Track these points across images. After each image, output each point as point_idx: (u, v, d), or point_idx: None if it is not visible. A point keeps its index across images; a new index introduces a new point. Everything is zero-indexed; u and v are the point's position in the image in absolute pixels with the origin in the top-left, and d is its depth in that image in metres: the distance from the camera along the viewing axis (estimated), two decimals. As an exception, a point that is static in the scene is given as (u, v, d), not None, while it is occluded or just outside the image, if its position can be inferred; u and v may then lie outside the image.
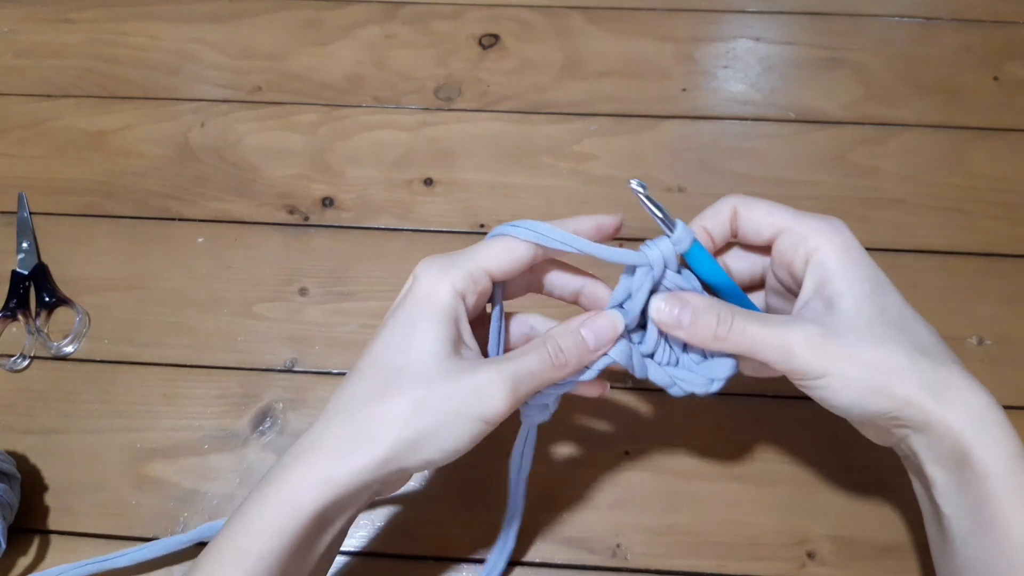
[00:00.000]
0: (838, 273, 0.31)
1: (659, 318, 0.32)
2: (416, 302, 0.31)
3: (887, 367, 0.30)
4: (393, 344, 0.31)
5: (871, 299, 0.31)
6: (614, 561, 0.42)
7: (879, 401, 0.30)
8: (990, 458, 0.29)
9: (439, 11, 0.63)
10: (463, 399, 0.29)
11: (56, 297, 0.50)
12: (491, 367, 0.30)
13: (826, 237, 0.32)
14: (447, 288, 0.31)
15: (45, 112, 0.59)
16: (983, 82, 0.59)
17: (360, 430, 0.29)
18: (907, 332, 0.31)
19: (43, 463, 0.45)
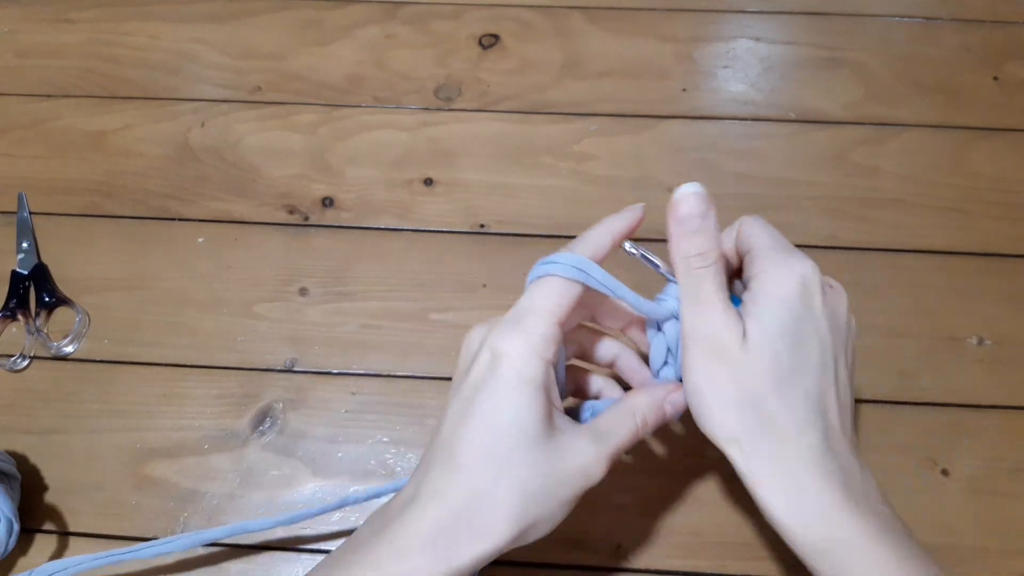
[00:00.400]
0: (760, 303, 0.32)
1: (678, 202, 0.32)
2: (509, 381, 0.30)
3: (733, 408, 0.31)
4: (493, 425, 0.30)
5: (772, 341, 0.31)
6: (614, 561, 0.42)
7: (707, 423, 0.32)
8: (801, 545, 0.30)
9: (439, 11, 0.63)
10: (570, 482, 0.30)
11: (56, 297, 0.50)
12: (593, 447, 0.31)
13: (768, 270, 0.32)
14: (537, 362, 0.30)
15: (45, 112, 0.59)
16: (983, 82, 0.59)
17: (482, 526, 0.29)
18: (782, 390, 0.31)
19: (43, 463, 0.45)
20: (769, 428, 0.31)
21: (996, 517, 0.43)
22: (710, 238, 0.32)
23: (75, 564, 0.40)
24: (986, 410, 0.46)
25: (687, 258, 0.32)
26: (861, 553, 0.29)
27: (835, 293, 0.33)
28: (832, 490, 0.30)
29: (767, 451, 0.31)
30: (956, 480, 0.44)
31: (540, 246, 0.52)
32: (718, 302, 0.31)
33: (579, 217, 0.53)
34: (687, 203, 0.32)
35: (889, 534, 0.30)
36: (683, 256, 0.32)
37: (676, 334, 0.34)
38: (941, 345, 0.48)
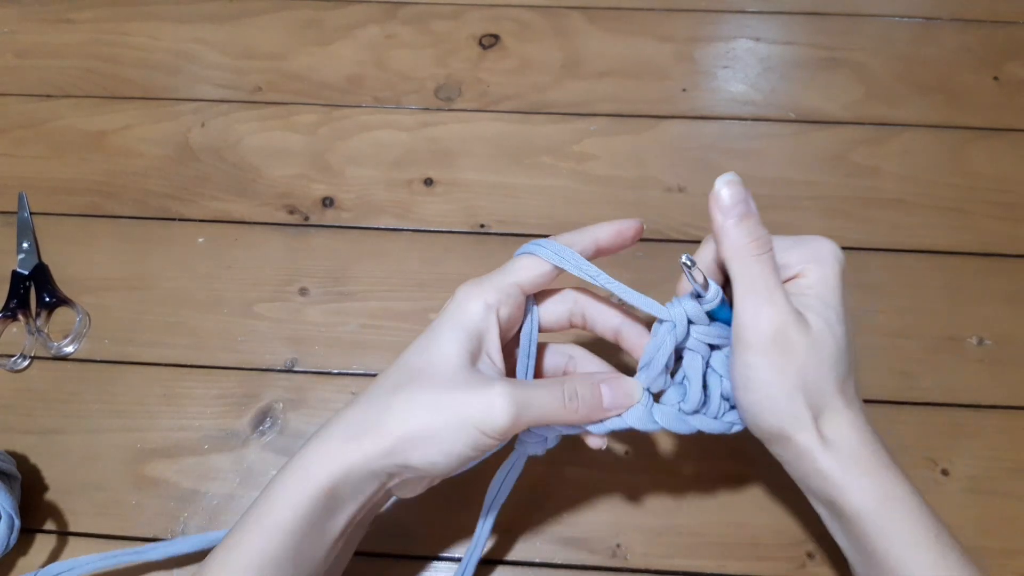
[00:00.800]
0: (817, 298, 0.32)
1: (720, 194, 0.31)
2: (447, 314, 0.33)
3: (795, 394, 0.31)
4: (418, 349, 0.33)
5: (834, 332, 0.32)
6: (614, 561, 0.42)
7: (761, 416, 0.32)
8: (857, 502, 0.31)
9: (439, 11, 0.63)
10: (468, 407, 0.31)
11: (56, 297, 0.50)
12: (504, 385, 0.31)
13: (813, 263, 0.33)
14: (478, 302, 0.33)
15: (45, 112, 0.59)
16: (983, 82, 0.59)
17: (371, 418, 0.32)
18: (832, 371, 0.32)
19: (43, 463, 0.45)
20: (824, 407, 0.31)
21: (996, 517, 0.43)
22: (759, 222, 0.31)
23: (83, 564, 0.40)
24: (986, 410, 0.46)
25: (743, 246, 0.31)
26: (909, 510, 0.31)
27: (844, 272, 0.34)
28: (880, 452, 0.32)
29: (824, 428, 0.31)
30: (956, 480, 0.44)
31: (540, 246, 0.52)
32: (780, 293, 0.31)
33: (579, 217, 0.53)
34: (729, 191, 0.31)
35: (920, 496, 0.32)
36: (738, 246, 0.31)
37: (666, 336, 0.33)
38: (941, 345, 0.48)
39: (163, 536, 0.43)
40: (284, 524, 0.31)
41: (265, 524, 0.31)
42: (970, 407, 0.46)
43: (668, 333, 0.33)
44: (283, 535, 0.31)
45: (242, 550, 0.31)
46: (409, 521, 0.43)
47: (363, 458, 0.31)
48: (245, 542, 0.31)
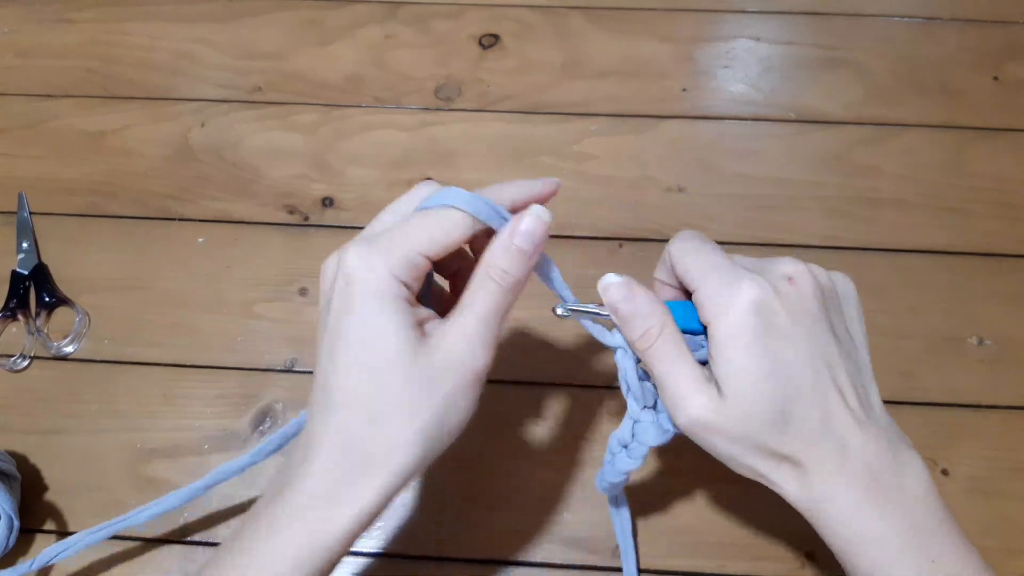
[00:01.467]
0: (721, 356, 0.30)
1: (608, 296, 0.31)
2: (364, 303, 0.29)
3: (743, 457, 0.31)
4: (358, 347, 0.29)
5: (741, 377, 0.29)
6: (614, 561, 0.42)
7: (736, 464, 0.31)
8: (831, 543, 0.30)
9: (439, 11, 0.63)
10: (450, 379, 0.29)
11: (56, 297, 0.50)
12: (455, 334, 0.29)
13: (718, 313, 0.29)
14: (390, 280, 0.28)
15: (45, 112, 0.59)
16: (983, 82, 0.59)
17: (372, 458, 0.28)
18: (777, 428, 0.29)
19: (43, 463, 0.45)
20: (784, 460, 0.30)
21: (996, 517, 0.43)
22: (644, 316, 0.30)
23: (75, 542, 0.39)
24: (986, 410, 0.46)
25: (634, 344, 0.31)
26: (886, 553, 0.29)
27: (795, 284, 0.30)
28: (855, 491, 0.29)
29: (790, 474, 0.30)
30: (956, 480, 0.44)
31: (540, 246, 0.52)
32: (680, 378, 0.30)
33: (579, 217, 0.53)
34: (608, 296, 0.31)
35: (916, 535, 0.29)
36: (631, 341, 0.31)
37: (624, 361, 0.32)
38: (941, 345, 0.48)
39: (163, 536, 0.43)
40: None
41: None
42: (970, 407, 0.46)
43: (622, 358, 0.32)
44: None
45: None
46: (413, 521, 0.43)
47: (375, 501, 0.28)
48: None
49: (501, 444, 0.39)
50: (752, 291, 0.29)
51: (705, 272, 0.30)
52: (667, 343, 0.30)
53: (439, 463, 0.44)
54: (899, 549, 0.29)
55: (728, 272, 0.30)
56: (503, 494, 0.43)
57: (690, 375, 0.30)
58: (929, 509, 0.30)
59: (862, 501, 0.29)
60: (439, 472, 0.44)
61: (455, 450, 0.44)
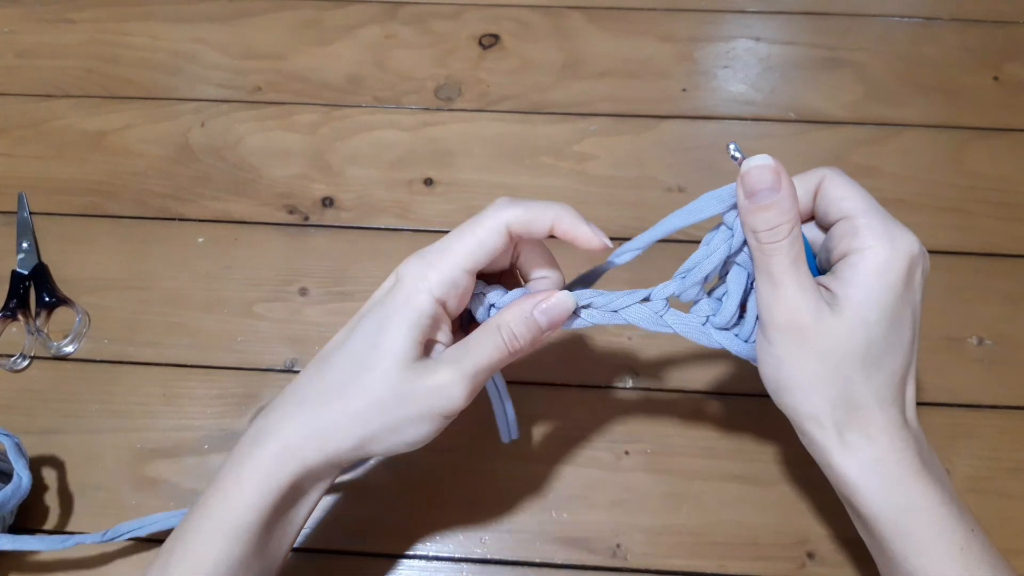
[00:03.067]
0: (861, 284, 0.30)
1: (746, 174, 0.30)
2: (394, 305, 0.31)
3: (813, 394, 0.30)
4: (366, 341, 0.32)
5: (868, 331, 0.30)
6: (614, 561, 0.42)
7: (789, 403, 0.31)
8: (875, 508, 0.30)
9: (439, 11, 0.63)
10: (423, 401, 0.31)
11: (56, 297, 0.50)
12: (449, 368, 0.31)
13: (877, 246, 0.30)
14: (425, 295, 0.31)
15: (45, 112, 0.59)
16: (983, 82, 0.59)
17: (330, 417, 0.31)
18: (869, 372, 0.30)
19: (43, 463, 0.45)
20: (852, 406, 0.30)
21: (996, 517, 0.42)
22: (783, 211, 0.30)
23: (150, 522, 0.41)
24: (986, 410, 0.46)
25: (756, 232, 0.30)
26: (933, 521, 0.30)
27: (926, 260, 0.32)
28: (910, 459, 0.30)
29: (847, 426, 0.30)
30: (956, 480, 0.44)
31: (540, 246, 0.52)
32: (791, 280, 0.29)
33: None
34: (754, 176, 0.30)
35: (956, 506, 0.30)
36: (752, 230, 0.30)
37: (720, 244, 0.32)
38: (941, 345, 0.48)
39: (163, 536, 0.43)
40: (248, 525, 0.30)
41: (227, 526, 0.30)
42: (970, 407, 0.46)
43: (723, 241, 0.31)
44: (248, 536, 0.30)
45: (206, 556, 0.30)
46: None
47: (325, 456, 0.31)
48: (207, 547, 0.30)
49: (500, 444, 0.39)
50: (915, 243, 0.31)
51: (873, 206, 0.31)
52: (792, 245, 0.30)
53: (438, 463, 0.44)
54: (944, 518, 0.30)
55: (890, 217, 0.31)
56: (502, 494, 0.43)
57: (805, 283, 0.30)
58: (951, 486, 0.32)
59: (918, 471, 0.30)
60: (438, 472, 0.44)
61: (454, 450, 0.44)
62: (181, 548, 0.31)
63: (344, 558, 0.42)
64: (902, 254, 0.30)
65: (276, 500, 0.31)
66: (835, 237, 0.32)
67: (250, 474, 0.31)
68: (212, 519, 0.31)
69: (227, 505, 0.31)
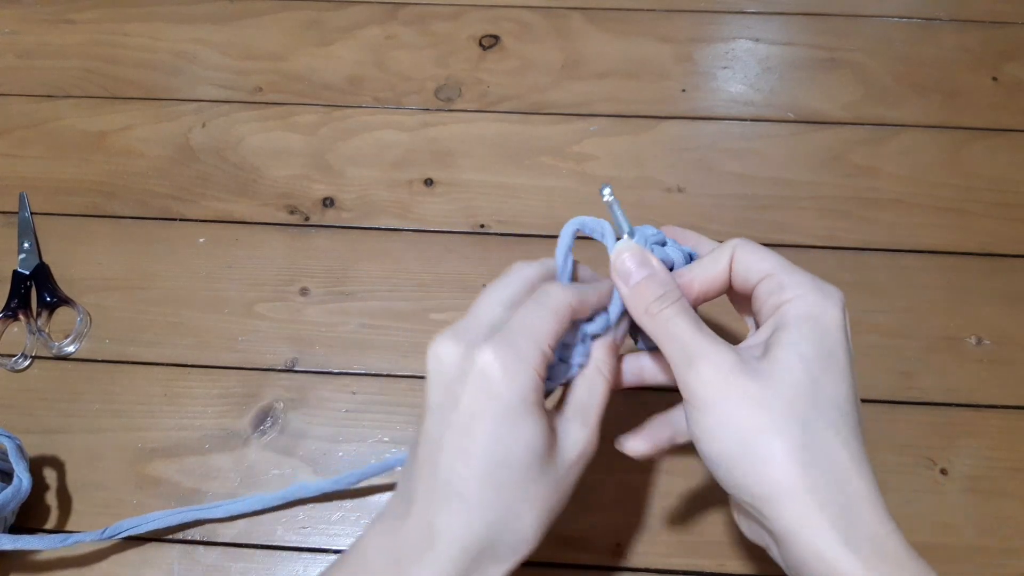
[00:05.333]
0: (791, 327, 0.28)
1: (616, 260, 0.31)
2: (510, 410, 0.28)
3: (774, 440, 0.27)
4: (494, 457, 0.28)
5: (808, 366, 0.28)
6: (614, 561, 0.42)
7: (743, 474, 0.27)
8: None
9: (439, 12, 0.64)
10: (575, 470, 0.31)
11: (57, 297, 0.50)
12: (582, 430, 0.31)
13: (808, 293, 0.29)
14: (535, 383, 0.28)
15: (46, 112, 0.59)
16: (982, 82, 0.59)
17: (501, 547, 0.29)
18: (829, 419, 0.27)
19: (44, 463, 0.45)
20: (826, 465, 0.27)
21: (995, 517, 0.43)
22: (661, 281, 0.30)
23: (150, 519, 0.42)
24: (985, 410, 0.46)
25: (646, 309, 0.30)
26: None
27: None
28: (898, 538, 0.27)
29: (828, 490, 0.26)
30: (955, 480, 0.44)
31: (540, 246, 0.52)
32: (696, 335, 0.29)
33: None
34: (624, 261, 0.31)
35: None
36: (643, 310, 0.30)
37: None
38: (940, 345, 0.48)
39: (164, 535, 0.43)
40: None
41: None
42: (969, 407, 0.46)
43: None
44: None
45: None
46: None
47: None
48: None
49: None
50: (840, 294, 0.30)
51: (791, 265, 0.30)
52: (678, 308, 0.30)
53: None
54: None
55: (806, 272, 0.30)
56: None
57: (714, 336, 0.29)
58: None
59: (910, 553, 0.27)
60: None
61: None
62: None
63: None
64: (833, 300, 0.29)
65: None
66: (761, 298, 0.31)
67: None
68: None
69: None
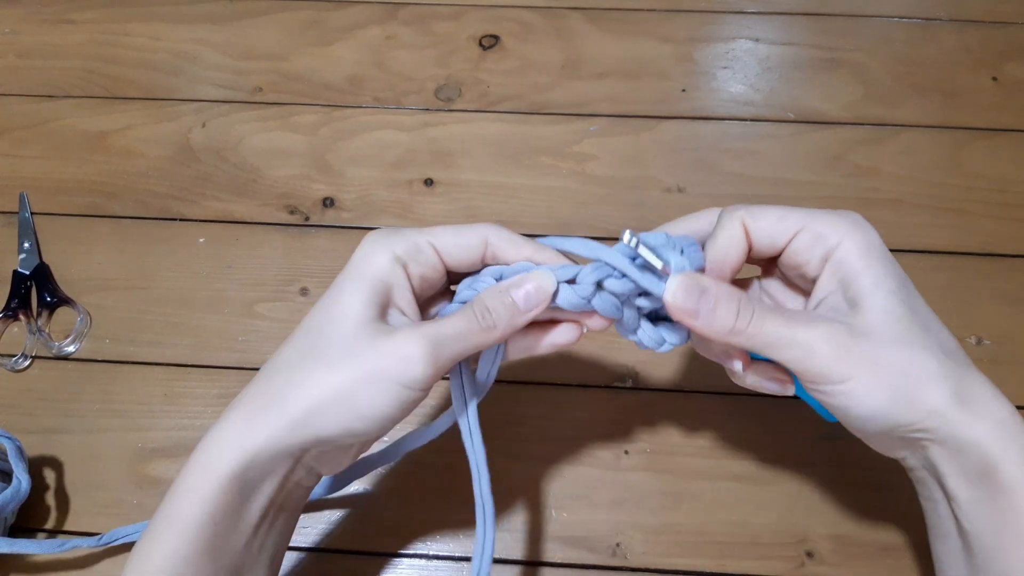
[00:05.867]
0: (862, 271, 0.29)
1: (674, 303, 0.29)
2: (350, 268, 0.31)
3: (917, 373, 0.28)
4: (321, 309, 0.30)
5: (898, 299, 0.29)
6: (614, 561, 0.42)
7: (905, 411, 0.28)
8: (1018, 472, 0.28)
9: (439, 12, 0.64)
10: (380, 363, 0.28)
11: (57, 297, 0.50)
12: (412, 330, 0.29)
13: (847, 233, 0.30)
14: (384, 254, 0.30)
15: (47, 112, 0.59)
16: (982, 82, 0.59)
17: (272, 392, 0.30)
18: (934, 336, 0.29)
19: (44, 463, 0.45)
20: (956, 360, 0.29)
21: (995, 516, 0.43)
22: (727, 299, 0.29)
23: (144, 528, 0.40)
24: (985, 410, 0.46)
25: (732, 330, 0.29)
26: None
27: None
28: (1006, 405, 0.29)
29: (963, 384, 0.28)
30: (955, 479, 0.44)
31: (540, 246, 0.52)
32: (787, 322, 0.29)
33: (579, 217, 0.53)
34: (676, 299, 0.29)
35: None
36: (728, 334, 0.29)
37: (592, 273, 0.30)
38: (940, 345, 0.48)
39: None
40: (193, 520, 0.29)
41: (174, 523, 0.29)
42: (969, 407, 0.46)
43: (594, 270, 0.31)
44: (194, 531, 0.29)
45: (154, 555, 0.29)
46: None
47: (267, 438, 0.29)
48: (157, 546, 0.29)
49: (499, 444, 0.39)
50: (862, 217, 0.30)
51: (807, 211, 0.30)
52: (761, 312, 0.29)
53: (436, 463, 0.44)
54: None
55: (819, 209, 0.31)
56: (502, 494, 0.44)
57: (806, 317, 0.29)
58: None
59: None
60: (436, 471, 0.44)
61: (454, 451, 0.44)
62: (137, 549, 0.30)
63: (344, 557, 0.42)
64: (866, 227, 0.30)
65: (216, 493, 0.29)
66: (801, 253, 0.30)
67: (194, 467, 0.29)
68: (162, 515, 0.30)
69: (172, 501, 0.29)
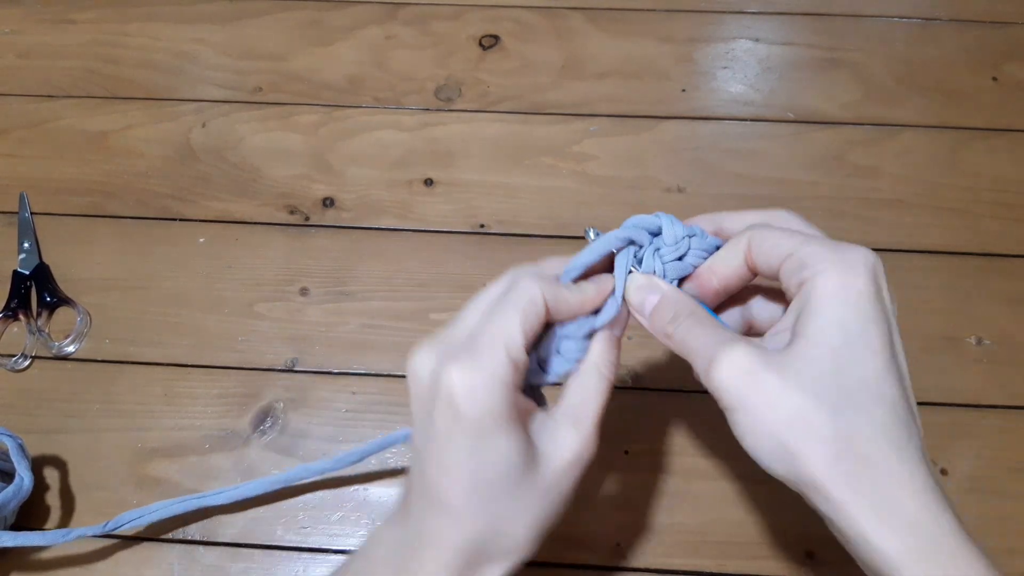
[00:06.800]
0: (815, 311, 0.27)
1: (631, 298, 0.31)
2: (476, 427, 0.27)
3: (803, 432, 0.26)
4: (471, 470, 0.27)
5: (834, 351, 0.26)
6: (614, 560, 0.42)
7: (787, 468, 0.27)
8: None
9: (439, 12, 0.64)
10: (569, 474, 0.29)
11: (57, 297, 0.50)
12: (575, 433, 0.29)
13: (828, 269, 0.27)
14: (501, 394, 0.27)
15: (47, 112, 0.59)
16: (982, 82, 0.59)
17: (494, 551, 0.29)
18: (858, 402, 0.26)
19: (44, 463, 0.45)
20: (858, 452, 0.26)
21: (996, 517, 0.43)
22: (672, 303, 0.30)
23: (151, 510, 0.41)
24: (985, 410, 0.46)
25: (665, 331, 0.30)
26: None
27: None
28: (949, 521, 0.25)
29: (861, 477, 0.26)
30: (955, 479, 0.44)
31: (540, 246, 0.52)
32: (718, 339, 0.28)
33: (579, 217, 0.53)
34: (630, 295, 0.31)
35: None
36: (664, 335, 0.30)
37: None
38: (940, 345, 0.48)
39: (164, 534, 0.43)
40: None
41: None
42: (969, 407, 0.46)
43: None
44: None
45: None
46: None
47: None
48: None
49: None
50: (867, 253, 0.28)
51: (813, 235, 0.30)
52: (691, 320, 0.30)
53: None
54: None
55: (833, 240, 0.29)
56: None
57: (731, 338, 0.28)
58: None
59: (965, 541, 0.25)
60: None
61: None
62: None
63: (345, 557, 0.42)
64: (857, 268, 0.27)
65: None
66: (785, 279, 0.29)
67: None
68: None
69: None
